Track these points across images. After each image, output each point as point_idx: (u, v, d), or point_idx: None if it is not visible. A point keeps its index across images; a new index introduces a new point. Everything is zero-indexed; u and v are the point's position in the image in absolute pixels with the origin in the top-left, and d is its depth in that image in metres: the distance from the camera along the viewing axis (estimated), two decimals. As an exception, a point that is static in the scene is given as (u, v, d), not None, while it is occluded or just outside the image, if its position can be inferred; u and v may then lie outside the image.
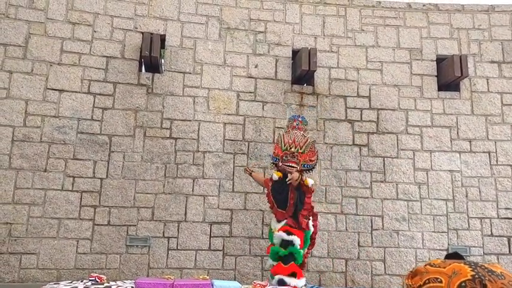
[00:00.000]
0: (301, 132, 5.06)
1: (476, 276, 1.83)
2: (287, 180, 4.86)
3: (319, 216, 6.44)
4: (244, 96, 6.66)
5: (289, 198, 4.92)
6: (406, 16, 7.13)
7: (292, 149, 4.94)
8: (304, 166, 5.00)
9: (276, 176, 5.01)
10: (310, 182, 5.06)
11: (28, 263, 5.74)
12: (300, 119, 5.21)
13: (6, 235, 5.73)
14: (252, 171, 5.57)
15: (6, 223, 5.75)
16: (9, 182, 5.84)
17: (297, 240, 4.78)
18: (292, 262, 4.72)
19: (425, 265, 2.41)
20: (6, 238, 5.73)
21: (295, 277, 4.65)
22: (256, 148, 6.52)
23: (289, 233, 4.79)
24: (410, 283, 2.48)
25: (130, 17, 6.53)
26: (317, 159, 5.17)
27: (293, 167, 4.89)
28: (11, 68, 6.06)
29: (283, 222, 4.90)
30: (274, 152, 5.17)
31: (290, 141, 4.96)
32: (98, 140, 6.18)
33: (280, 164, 4.98)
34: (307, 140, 5.03)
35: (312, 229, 5.13)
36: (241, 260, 6.20)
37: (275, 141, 5.36)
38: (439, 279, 2.14)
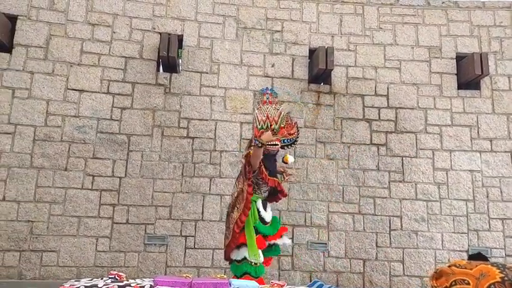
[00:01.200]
0: (273, 106, 4.36)
1: (506, 278, 1.78)
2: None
3: (336, 216, 6.44)
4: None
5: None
6: (425, 14, 7.04)
7: (269, 126, 4.24)
8: (284, 141, 4.33)
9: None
10: (290, 159, 4.41)
11: (49, 261, 5.85)
12: (269, 92, 4.51)
13: (28, 233, 5.85)
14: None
15: (27, 221, 5.87)
16: (30, 181, 5.96)
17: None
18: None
19: (450, 266, 2.36)
20: (28, 236, 5.85)
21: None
22: (273, 147, 6.51)
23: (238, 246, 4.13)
24: (435, 284, 2.43)
25: (148, 18, 6.60)
26: (298, 131, 4.48)
27: (276, 144, 4.16)
28: (33, 68, 6.19)
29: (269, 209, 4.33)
30: (255, 135, 4.34)
31: (264, 118, 4.27)
32: (117, 140, 6.26)
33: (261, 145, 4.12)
34: (280, 113, 4.31)
35: None
36: (258, 259, 6.19)
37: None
38: (466, 281, 2.09)
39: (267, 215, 4.28)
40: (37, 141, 6.06)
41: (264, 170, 4.19)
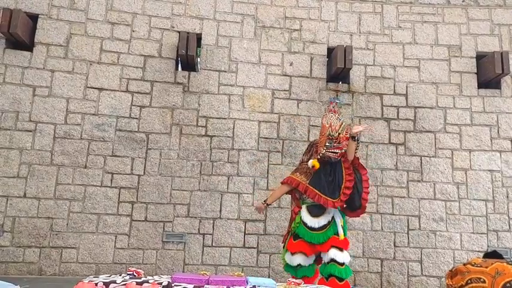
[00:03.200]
0: (336, 115, 4.52)
1: None
2: (352, 134, 4.24)
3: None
4: (279, 94, 6.65)
5: (343, 180, 4.28)
6: (445, 12, 6.97)
7: (330, 133, 4.35)
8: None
9: (310, 163, 4.40)
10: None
11: (68, 257, 5.91)
12: (336, 101, 4.67)
13: (48, 229, 5.91)
14: (267, 204, 4.62)
15: (48, 217, 5.93)
16: (50, 178, 6.02)
17: (348, 257, 4.19)
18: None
19: (466, 264, 2.35)
20: (48, 232, 5.91)
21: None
22: (290, 146, 6.51)
23: (340, 249, 4.16)
24: (451, 283, 2.42)
25: (167, 17, 6.63)
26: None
27: (337, 153, 4.28)
28: (53, 67, 6.25)
29: (325, 217, 4.29)
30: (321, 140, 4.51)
31: (327, 126, 4.41)
32: (136, 138, 6.30)
33: (323, 151, 4.32)
34: (341, 123, 4.45)
35: None
36: (275, 258, 6.20)
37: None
38: (482, 279, 2.08)
39: (313, 221, 4.26)
40: (57, 139, 6.12)
41: (307, 186, 4.33)
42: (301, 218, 4.34)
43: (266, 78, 6.68)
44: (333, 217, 4.29)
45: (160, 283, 2.75)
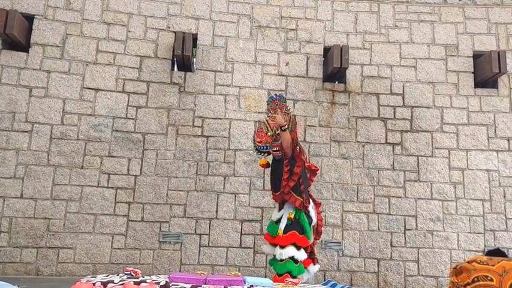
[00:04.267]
0: (282, 111, 4.57)
1: None
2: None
3: (351, 216, 6.41)
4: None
5: (283, 173, 4.42)
6: (442, 11, 6.95)
7: (271, 133, 4.56)
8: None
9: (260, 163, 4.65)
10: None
11: (65, 257, 5.93)
12: (278, 98, 4.69)
13: (45, 230, 5.93)
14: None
15: (45, 218, 5.95)
16: (47, 178, 6.04)
17: (291, 251, 4.27)
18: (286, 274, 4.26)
19: (471, 262, 2.32)
20: (45, 233, 5.93)
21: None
22: (287, 146, 6.50)
23: (298, 248, 4.30)
24: (456, 280, 2.40)
25: (163, 17, 6.62)
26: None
27: (278, 150, 4.44)
28: (49, 67, 6.26)
29: (281, 212, 4.50)
30: (260, 141, 4.69)
31: (276, 124, 4.43)
32: (132, 138, 6.31)
33: (270, 150, 4.58)
34: (290, 118, 4.55)
35: (314, 219, 4.56)
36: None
37: (258, 129, 4.85)
38: (489, 278, 2.06)
39: (274, 215, 4.66)
40: (54, 140, 6.13)
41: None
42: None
43: (262, 78, 6.68)
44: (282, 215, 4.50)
45: (158, 283, 2.75)
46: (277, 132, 4.51)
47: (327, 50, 6.78)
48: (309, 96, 6.66)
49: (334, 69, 6.53)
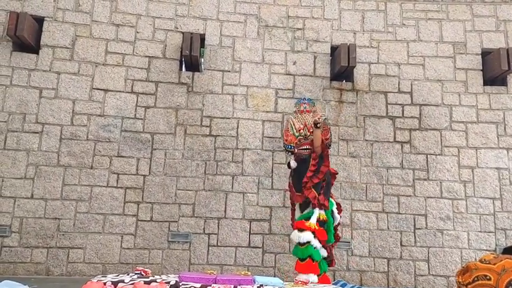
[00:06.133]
0: (310, 115, 4.83)
1: None
2: (315, 121, 4.52)
3: (360, 215, 6.38)
4: (282, 93, 6.66)
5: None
6: (449, 9, 6.93)
7: (305, 133, 4.73)
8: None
9: (294, 163, 4.73)
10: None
11: (75, 257, 5.96)
12: (306, 102, 4.97)
13: (55, 230, 5.97)
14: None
15: (55, 218, 5.99)
16: (57, 179, 6.08)
17: (309, 236, 4.43)
18: (309, 259, 4.44)
19: (478, 261, 2.33)
20: (55, 233, 5.97)
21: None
22: (295, 145, 6.50)
23: (300, 230, 4.48)
24: (460, 280, 2.40)
25: (171, 18, 6.67)
26: (331, 136, 4.91)
27: (308, 149, 4.66)
28: (59, 69, 6.32)
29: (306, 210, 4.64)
30: (286, 140, 4.90)
31: (301, 126, 4.77)
32: (141, 138, 6.34)
33: (296, 150, 4.76)
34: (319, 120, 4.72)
35: (337, 218, 4.83)
36: (280, 258, 6.19)
37: (285, 128, 5.07)
38: (487, 277, 2.07)
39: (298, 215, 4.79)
40: (64, 140, 6.18)
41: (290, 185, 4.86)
42: None
43: (270, 77, 6.69)
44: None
45: (168, 282, 2.76)
46: (303, 134, 4.71)
47: (334, 49, 6.78)
48: (316, 95, 6.66)
49: (341, 68, 6.53)
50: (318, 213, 4.53)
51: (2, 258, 5.81)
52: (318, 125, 4.53)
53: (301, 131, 4.75)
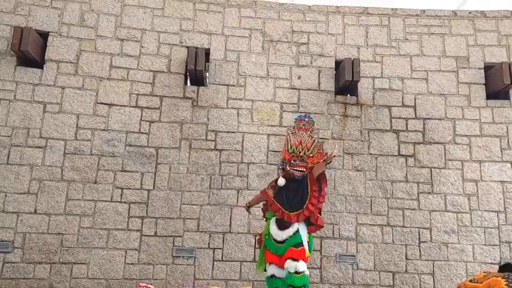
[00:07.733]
0: (308, 133, 4.66)
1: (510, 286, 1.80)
2: (327, 159, 4.33)
3: (365, 228, 6.37)
4: (287, 107, 6.67)
5: (309, 191, 4.43)
6: (452, 24, 7.00)
7: (300, 152, 4.54)
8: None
9: (282, 181, 4.56)
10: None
11: (79, 273, 5.90)
12: (306, 119, 4.77)
13: (58, 245, 5.92)
14: (248, 205, 5.10)
15: (58, 233, 5.94)
16: (61, 194, 6.04)
17: (305, 266, 4.29)
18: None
19: (468, 280, 2.34)
20: (58, 248, 5.91)
21: None
22: (300, 159, 6.50)
23: (294, 260, 4.28)
24: None
25: (176, 32, 6.69)
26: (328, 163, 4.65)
27: (302, 171, 4.49)
28: (63, 83, 6.31)
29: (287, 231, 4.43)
30: (284, 157, 4.72)
31: (297, 142, 4.58)
32: (145, 153, 6.32)
33: (288, 168, 4.55)
34: (314, 141, 4.65)
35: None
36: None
37: (282, 145, 4.88)
38: None
39: (278, 234, 4.46)
40: (67, 155, 6.15)
41: (272, 200, 4.59)
42: (269, 229, 4.57)
43: (274, 91, 6.71)
44: (297, 230, 4.42)
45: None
46: (296, 151, 4.55)
47: (338, 63, 6.82)
48: (321, 109, 6.68)
49: (345, 82, 6.56)
50: (306, 236, 4.48)
51: (4, 274, 5.74)
52: (328, 164, 4.43)
53: (295, 147, 4.58)
